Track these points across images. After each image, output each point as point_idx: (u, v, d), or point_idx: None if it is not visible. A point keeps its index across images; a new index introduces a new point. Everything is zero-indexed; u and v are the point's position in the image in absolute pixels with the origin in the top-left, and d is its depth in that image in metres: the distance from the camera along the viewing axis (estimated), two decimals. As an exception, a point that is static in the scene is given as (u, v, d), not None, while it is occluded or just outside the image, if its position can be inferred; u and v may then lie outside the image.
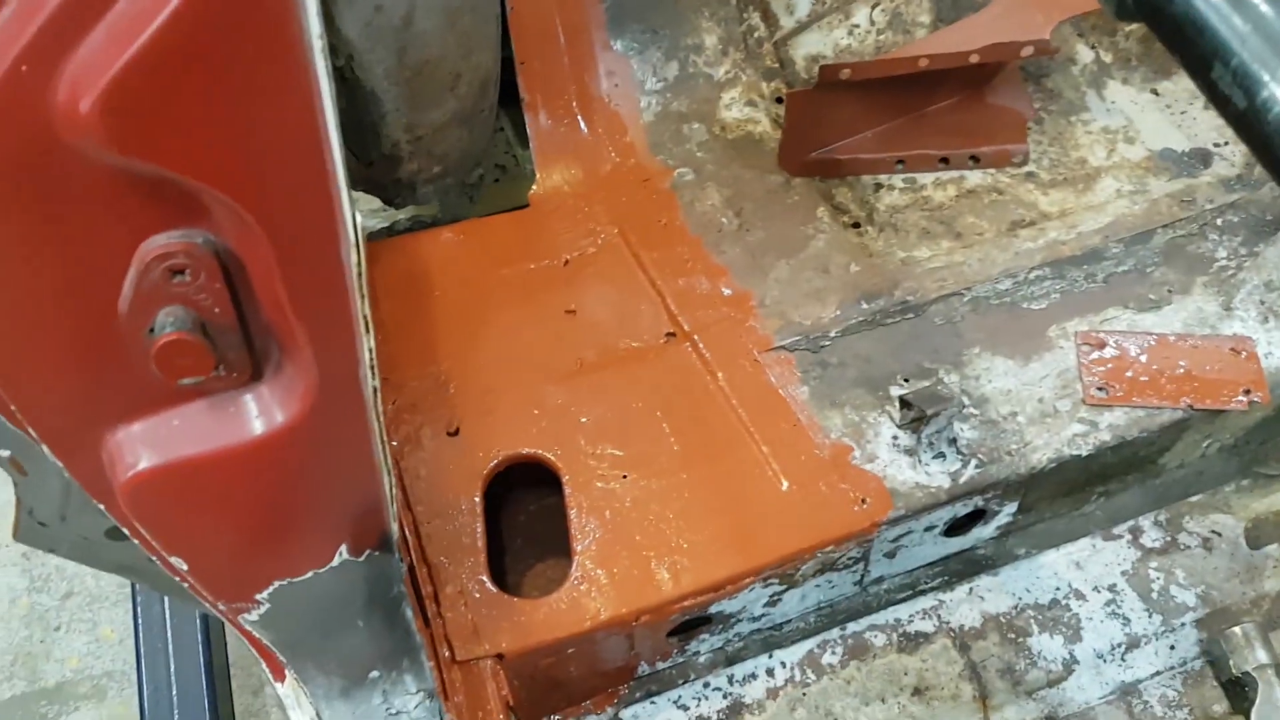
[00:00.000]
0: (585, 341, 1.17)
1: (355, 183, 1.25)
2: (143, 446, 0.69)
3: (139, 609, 1.66)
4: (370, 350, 0.63)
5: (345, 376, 0.66)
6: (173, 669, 1.63)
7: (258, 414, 0.69)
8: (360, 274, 0.59)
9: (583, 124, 1.36)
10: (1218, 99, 0.43)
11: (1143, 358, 1.13)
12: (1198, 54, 0.43)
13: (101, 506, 0.73)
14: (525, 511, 1.13)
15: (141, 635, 1.64)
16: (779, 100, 1.41)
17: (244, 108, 0.50)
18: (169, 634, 1.64)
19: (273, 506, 0.73)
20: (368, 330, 0.62)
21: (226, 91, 0.49)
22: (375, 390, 0.66)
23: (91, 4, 0.47)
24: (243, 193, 0.54)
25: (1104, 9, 0.48)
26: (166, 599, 1.60)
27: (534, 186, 1.33)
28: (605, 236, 1.28)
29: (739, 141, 1.38)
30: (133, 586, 1.66)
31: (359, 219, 0.57)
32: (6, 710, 1.88)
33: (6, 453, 0.78)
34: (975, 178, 1.33)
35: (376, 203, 1.35)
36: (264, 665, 0.94)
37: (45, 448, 0.69)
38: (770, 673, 1.07)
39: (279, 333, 0.65)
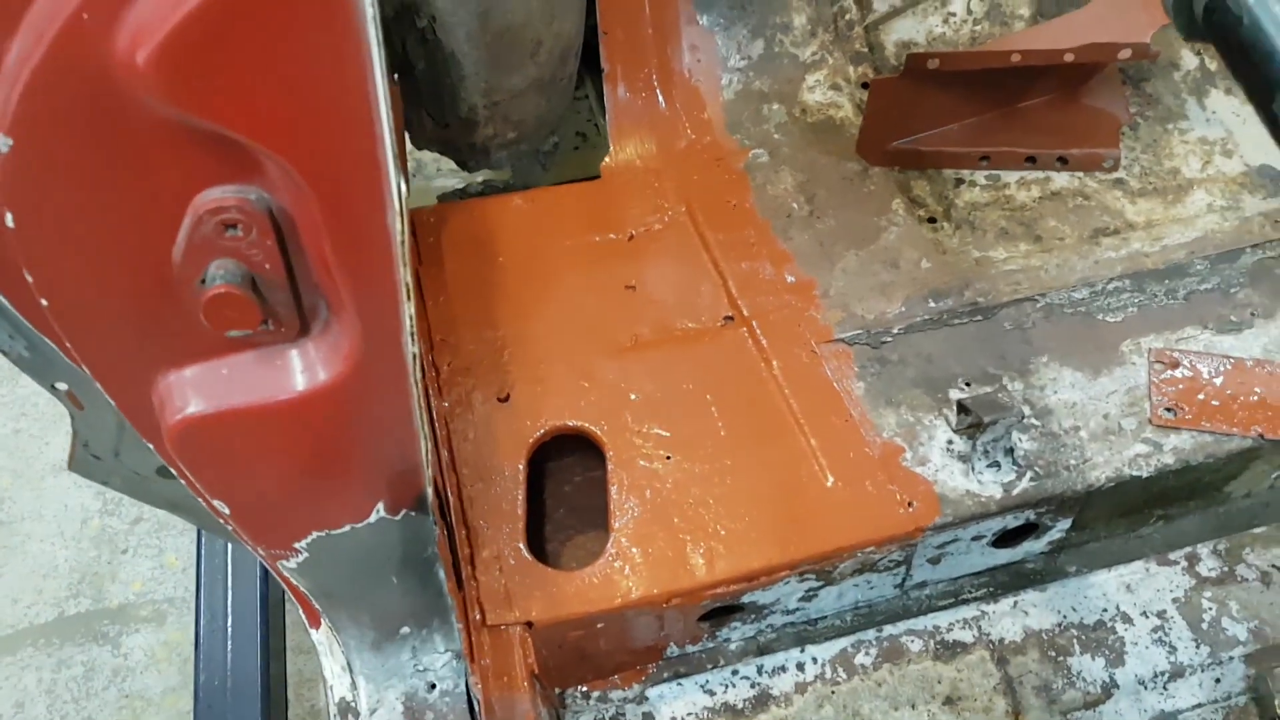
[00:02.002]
0: (642, 318, 1.17)
1: (431, 144, 1.26)
2: (192, 392, 0.71)
3: (202, 540, 1.72)
4: (410, 316, 0.63)
5: (388, 339, 0.67)
6: (230, 600, 1.68)
7: (303, 369, 0.70)
8: (403, 242, 0.59)
9: (661, 98, 1.35)
10: (1277, 130, 0.41)
11: (1217, 381, 1.09)
12: (1262, 81, 0.41)
13: (150, 446, 0.75)
14: (571, 482, 1.14)
15: (203, 566, 1.70)
16: (864, 86, 1.38)
17: (295, 68, 0.50)
18: (229, 567, 1.69)
19: (313, 460, 0.74)
20: (409, 297, 0.62)
21: (279, 51, 0.49)
22: (415, 356, 0.66)
23: (152, -43, 0.48)
24: (291, 151, 0.54)
25: (1175, 27, 0.46)
26: (228, 534, 1.64)
27: (606, 158, 1.32)
28: (673, 214, 1.27)
29: (819, 125, 1.35)
30: (195, 518, 1.71)
31: (399, 182, 0.57)
32: (71, 625, 1.96)
33: (64, 386, 0.80)
34: (1061, 180, 1.29)
35: (452, 163, 1.36)
36: (301, 611, 0.96)
37: (99, 386, 0.71)
38: (800, 667, 1.07)
39: (326, 292, 0.66)
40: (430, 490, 0.80)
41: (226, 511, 0.77)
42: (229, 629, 1.70)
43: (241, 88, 0.50)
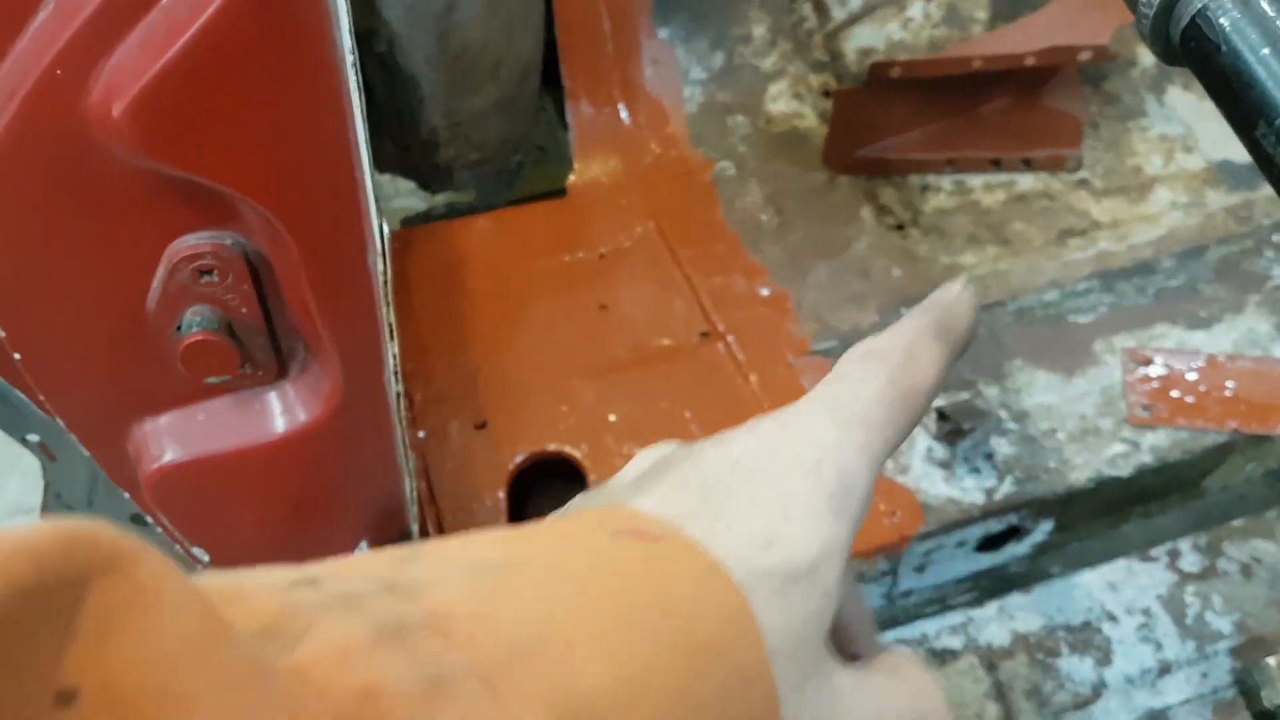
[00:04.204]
0: (617, 338, 1.16)
1: (393, 167, 1.24)
2: (168, 440, 0.69)
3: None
4: (394, 355, 0.62)
5: (369, 379, 0.66)
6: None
7: (282, 412, 0.68)
8: (385, 281, 0.58)
9: (624, 113, 1.34)
10: (1260, 157, 0.41)
11: (1190, 377, 1.10)
12: (1243, 109, 0.41)
13: (126, 495, 0.73)
14: (553, 506, 1.12)
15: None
16: (826, 94, 1.38)
17: (275, 118, 0.49)
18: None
19: (295, 503, 0.72)
20: (392, 337, 0.61)
21: (258, 101, 0.48)
22: (399, 395, 0.65)
23: (127, 10, 0.46)
24: (271, 199, 0.53)
25: (1153, 53, 0.46)
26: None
27: (572, 175, 1.31)
28: (642, 230, 1.26)
29: (783, 136, 1.35)
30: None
31: (380, 222, 0.56)
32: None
33: (36, 438, 0.78)
34: (1026, 182, 1.30)
35: (410, 184, 1.34)
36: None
37: (73, 436, 0.69)
38: (792, 682, 1.06)
39: (305, 334, 0.65)
40: (415, 527, 0.79)
41: (206, 559, 0.75)
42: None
43: (219, 138, 0.49)
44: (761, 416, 0.49)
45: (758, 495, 0.44)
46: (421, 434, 1.08)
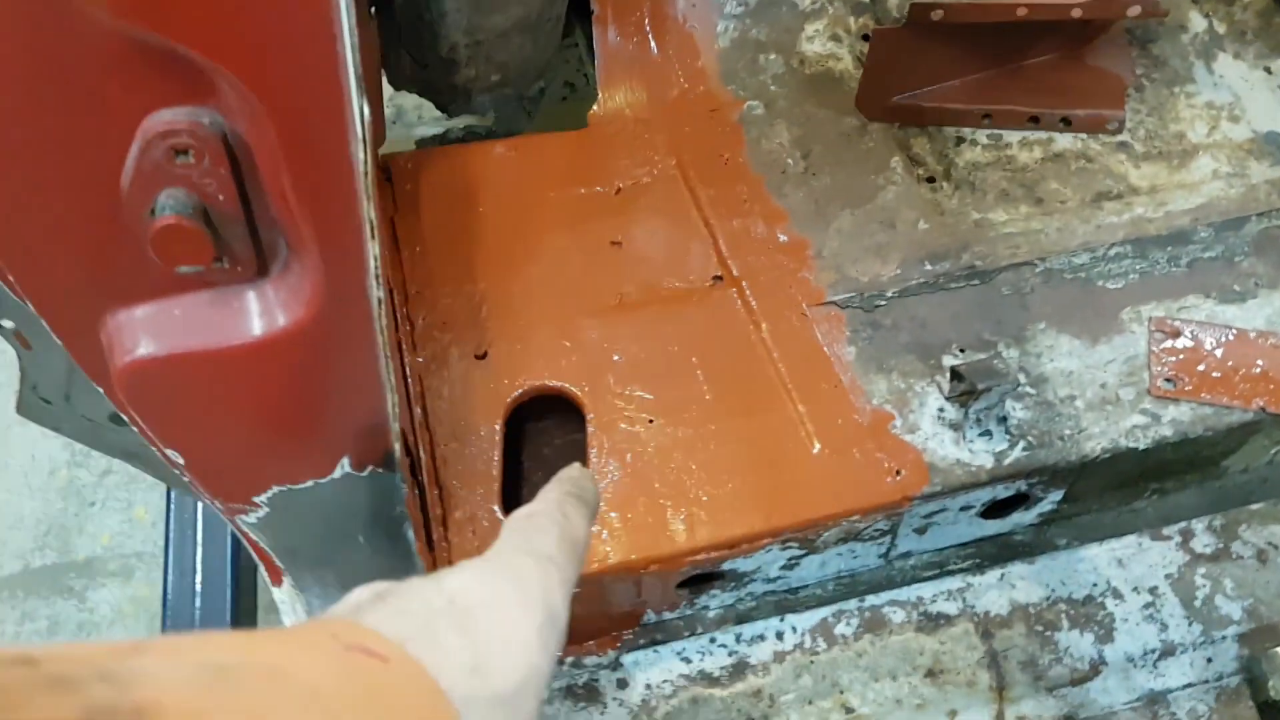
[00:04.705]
0: (628, 276, 1.12)
1: (409, 84, 1.20)
2: (143, 333, 0.66)
3: (172, 495, 1.67)
4: (376, 258, 0.59)
5: (352, 282, 0.63)
6: (199, 557, 1.64)
7: (260, 313, 0.65)
8: (367, 174, 0.54)
9: (653, 44, 1.29)
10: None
11: (1218, 352, 1.05)
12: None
13: (101, 390, 0.71)
14: (551, 444, 1.09)
15: (173, 521, 1.65)
16: (865, 38, 1.33)
17: (249, -22, 0.46)
18: (199, 523, 1.64)
19: (272, 410, 0.70)
20: (374, 236, 0.58)
21: (230, -41, 0.45)
22: (380, 301, 0.62)
23: None
24: (245, 68, 0.50)
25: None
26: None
27: (594, 106, 1.27)
28: (662, 167, 1.22)
29: (817, 78, 1.30)
30: (165, 472, 1.67)
31: (370, 116, 0.53)
32: (36, 579, 1.92)
33: (10, 324, 0.76)
34: (1064, 141, 1.24)
35: (433, 111, 1.31)
36: (262, 568, 0.92)
37: (45, 323, 0.67)
38: (780, 636, 1.04)
39: (286, 229, 0.62)
40: (399, 447, 0.76)
41: (180, 462, 0.73)
42: (197, 586, 1.66)
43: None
44: (465, 561, 0.55)
45: (470, 626, 0.48)
46: (420, 359, 1.06)
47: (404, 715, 0.42)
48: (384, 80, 1.18)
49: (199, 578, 1.64)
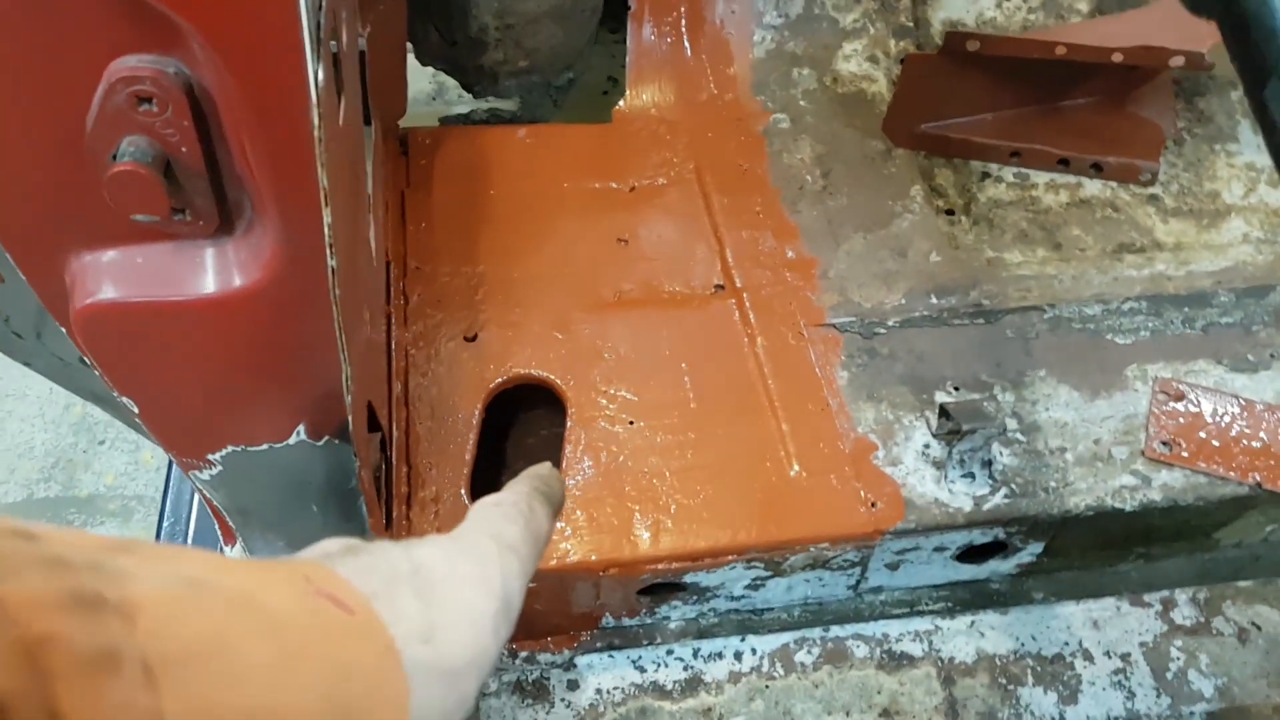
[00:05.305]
0: (629, 274, 1.11)
1: (435, 60, 1.20)
2: (105, 277, 0.67)
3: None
4: (329, 226, 0.58)
5: (309, 249, 0.62)
6: (194, 508, 1.65)
7: (220, 270, 0.65)
8: (321, 140, 0.54)
9: (688, 45, 1.28)
10: (1265, 124, 0.35)
11: (1222, 420, 1.02)
12: (1257, 62, 0.35)
13: (63, 330, 0.71)
14: (536, 435, 1.09)
15: (174, 469, 1.67)
16: (903, 62, 1.30)
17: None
18: (202, 473, 1.65)
19: (224, 368, 0.70)
20: (326, 203, 0.57)
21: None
22: (334, 270, 0.61)
23: None
24: (202, 18, 0.49)
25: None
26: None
27: (620, 102, 1.26)
28: (680, 170, 1.21)
29: (848, 97, 1.28)
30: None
31: (320, 78, 0.52)
32: (38, 509, 1.95)
33: (-15, 256, 0.76)
34: (1093, 188, 1.21)
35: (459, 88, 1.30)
36: (216, 526, 0.92)
37: (10, 258, 0.67)
38: (738, 656, 1.02)
39: (249, 188, 0.61)
40: (350, 418, 0.76)
41: (135, 410, 0.73)
42: (190, 536, 1.67)
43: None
44: (433, 535, 0.56)
45: (430, 596, 0.50)
46: (409, 334, 1.05)
47: (356, 668, 0.43)
48: (410, 52, 1.18)
49: (192, 528, 1.65)
